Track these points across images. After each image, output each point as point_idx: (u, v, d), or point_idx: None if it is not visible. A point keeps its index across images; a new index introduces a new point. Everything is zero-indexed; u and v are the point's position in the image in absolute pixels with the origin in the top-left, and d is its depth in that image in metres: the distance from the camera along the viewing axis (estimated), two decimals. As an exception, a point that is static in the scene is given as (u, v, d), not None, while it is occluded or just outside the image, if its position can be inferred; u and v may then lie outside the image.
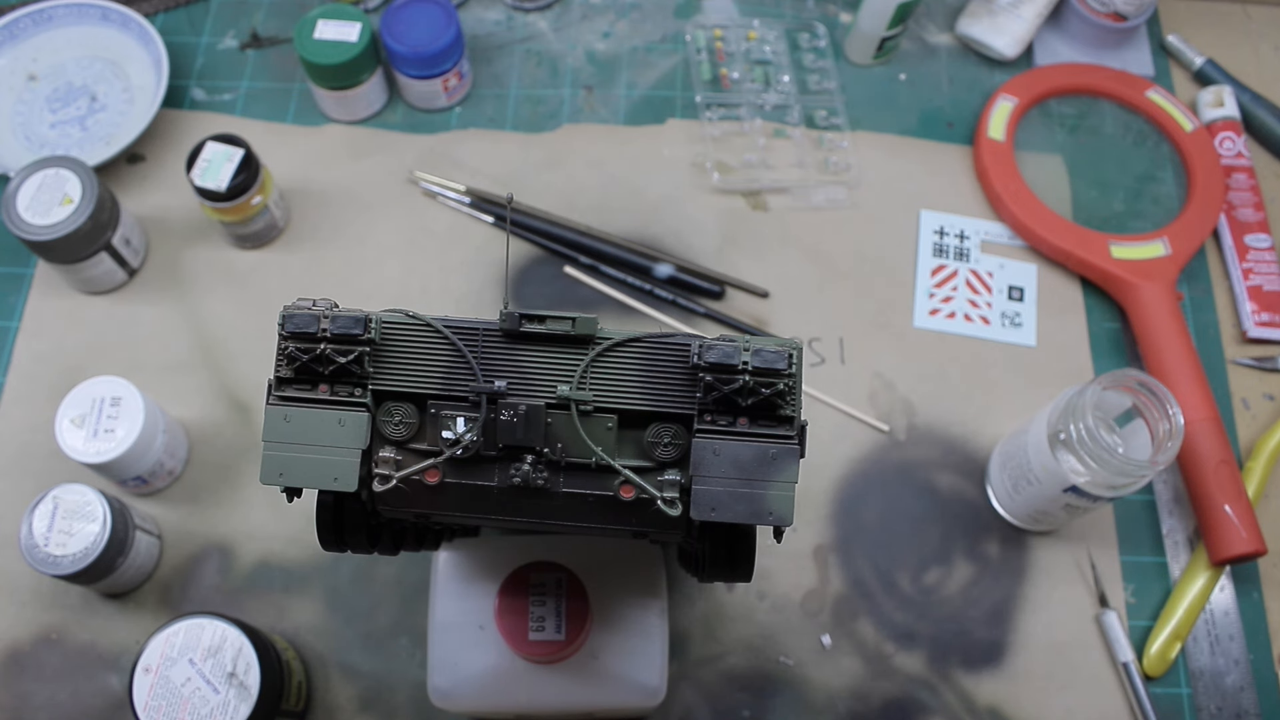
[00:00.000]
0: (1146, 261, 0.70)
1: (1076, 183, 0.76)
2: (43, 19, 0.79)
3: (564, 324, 0.38)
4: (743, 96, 0.78)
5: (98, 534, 0.56)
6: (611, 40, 0.82)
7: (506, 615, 0.50)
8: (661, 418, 0.38)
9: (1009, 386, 0.69)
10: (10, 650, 0.60)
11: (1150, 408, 0.56)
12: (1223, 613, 0.63)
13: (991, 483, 0.65)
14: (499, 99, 0.79)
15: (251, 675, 0.52)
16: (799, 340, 0.35)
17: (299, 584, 0.62)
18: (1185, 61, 0.82)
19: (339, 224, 0.73)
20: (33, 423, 0.66)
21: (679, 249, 0.73)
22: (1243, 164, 0.76)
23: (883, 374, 0.69)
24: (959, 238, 0.74)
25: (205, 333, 0.69)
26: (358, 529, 0.42)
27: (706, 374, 0.37)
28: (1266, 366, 0.70)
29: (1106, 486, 0.56)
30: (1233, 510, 0.62)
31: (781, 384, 0.37)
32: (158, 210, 0.73)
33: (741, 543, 0.40)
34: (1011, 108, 0.76)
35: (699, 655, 0.61)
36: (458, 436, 0.38)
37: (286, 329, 0.37)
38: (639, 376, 0.38)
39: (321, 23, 0.73)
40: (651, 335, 0.38)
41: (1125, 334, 0.71)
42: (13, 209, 0.64)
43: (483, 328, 0.38)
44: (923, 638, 0.62)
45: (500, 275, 0.72)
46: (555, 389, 0.38)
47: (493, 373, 0.38)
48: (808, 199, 0.75)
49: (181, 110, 0.78)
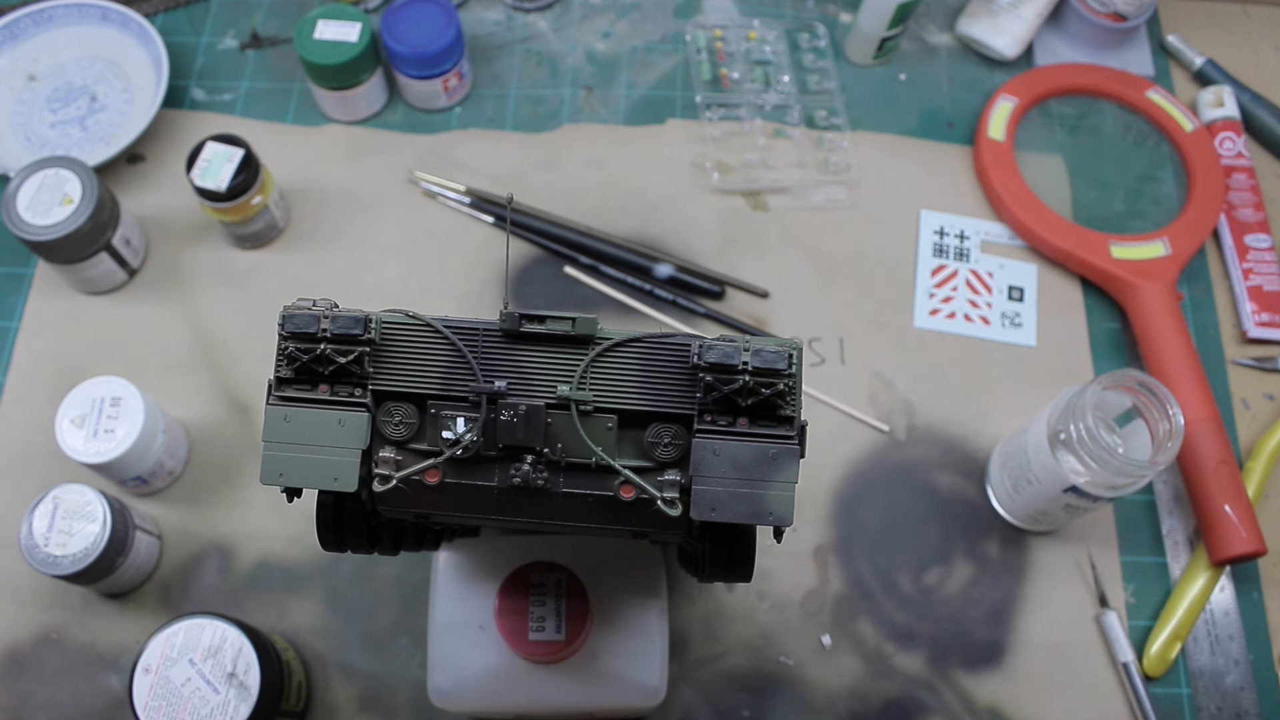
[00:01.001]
0: (1146, 261, 0.70)
1: (1076, 183, 0.76)
2: (43, 19, 0.78)
3: (564, 324, 0.38)
4: (743, 96, 0.78)
5: (98, 534, 0.56)
6: (611, 40, 0.82)
7: (506, 615, 0.50)
8: (661, 418, 0.38)
9: (1009, 386, 0.69)
10: (10, 650, 0.60)
11: (1150, 408, 0.56)
12: (1223, 613, 0.63)
13: (991, 483, 0.65)
14: (499, 99, 0.79)
15: (251, 675, 0.52)
16: (799, 340, 0.35)
17: (299, 584, 0.63)
18: (1185, 61, 0.82)
19: (339, 224, 0.73)
20: (33, 423, 0.66)
21: (679, 249, 0.73)
22: (1243, 164, 0.76)
23: (883, 374, 0.69)
24: (959, 238, 0.74)
25: (205, 333, 0.69)
26: (358, 529, 0.42)
27: (706, 374, 0.37)
28: (1266, 366, 0.70)
29: (1106, 486, 0.56)
30: (1233, 510, 0.62)
31: (781, 384, 0.36)
32: (158, 210, 0.73)
33: (741, 543, 0.40)
34: (1011, 108, 0.76)
35: (699, 655, 0.61)
36: (458, 437, 0.38)
37: (286, 329, 0.37)
38: (639, 377, 0.38)
39: (321, 23, 0.73)
40: (651, 335, 0.38)
41: (1125, 334, 0.71)
42: (13, 209, 0.64)
43: (483, 328, 0.38)
44: (923, 638, 0.62)
45: (500, 275, 0.72)
46: (555, 389, 0.38)
47: (493, 373, 0.38)
48: (808, 199, 0.75)
49: (181, 110, 0.78)
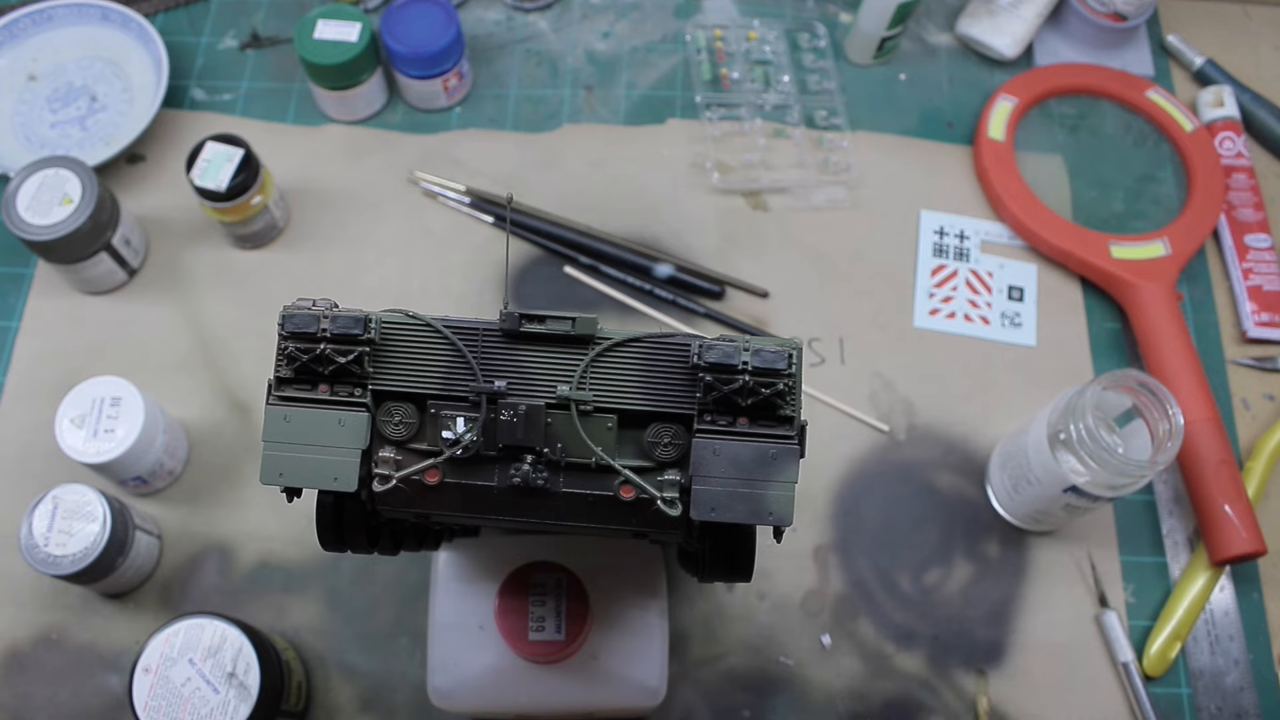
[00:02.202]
0: (1146, 261, 0.70)
1: (1076, 183, 0.76)
2: (43, 19, 0.78)
3: (564, 324, 0.38)
4: (743, 96, 0.78)
5: (98, 534, 0.56)
6: (611, 40, 0.82)
7: (506, 615, 0.50)
8: (661, 418, 0.38)
9: (1009, 386, 0.69)
10: (10, 650, 0.60)
11: (1150, 408, 0.56)
12: (1223, 613, 0.63)
13: (991, 483, 0.65)
14: (499, 99, 0.79)
15: (251, 675, 0.52)
16: (799, 340, 0.35)
17: (299, 584, 0.63)
18: (1185, 61, 0.81)
19: (339, 224, 0.73)
20: (33, 423, 0.66)
21: (679, 249, 0.73)
22: (1243, 164, 0.76)
23: (883, 374, 0.69)
24: (959, 238, 0.74)
25: (205, 333, 0.69)
26: (358, 529, 0.42)
27: (706, 374, 0.37)
28: (1266, 366, 0.70)
29: (1106, 486, 0.56)
30: (1233, 510, 0.62)
31: (781, 384, 0.36)
32: (158, 210, 0.73)
33: (741, 543, 0.40)
34: (1011, 108, 0.76)
35: (699, 655, 0.61)
36: (458, 436, 0.38)
37: (286, 329, 0.37)
38: (639, 376, 0.38)
39: (321, 23, 0.73)
40: (651, 335, 0.38)
41: (1125, 334, 0.71)
42: (13, 209, 0.64)
43: (483, 328, 0.38)
44: (923, 638, 0.62)
45: (500, 275, 0.72)
46: (555, 389, 0.38)
47: (493, 373, 0.38)
48: (808, 199, 0.75)
49: (181, 110, 0.78)
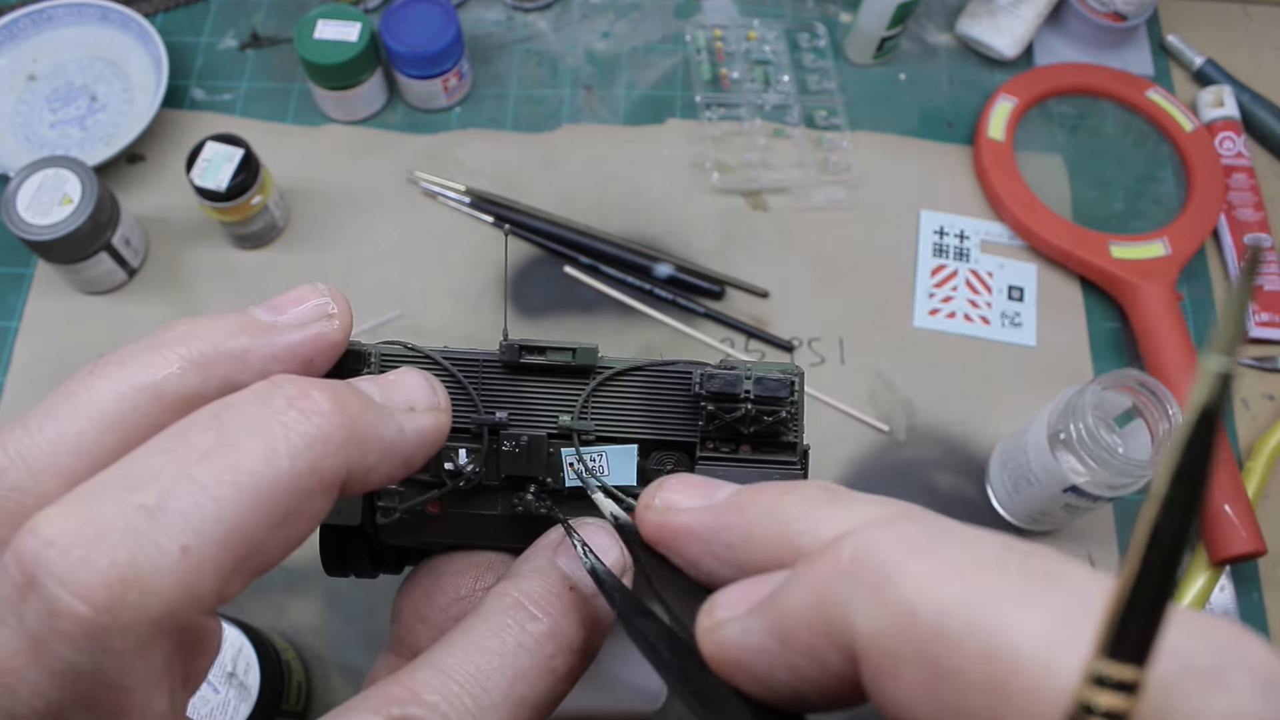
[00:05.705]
0: (1146, 261, 0.70)
1: (1076, 183, 0.76)
2: (43, 19, 0.78)
3: (564, 355, 0.38)
4: (743, 96, 0.78)
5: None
6: (611, 40, 0.82)
7: (506, 615, 0.50)
8: (663, 445, 0.38)
9: (1009, 386, 0.69)
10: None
11: (1150, 408, 0.56)
12: (1222, 613, 0.63)
13: (991, 483, 0.65)
14: (499, 99, 0.79)
15: (251, 675, 0.52)
16: (799, 367, 0.35)
17: (299, 584, 0.62)
18: (1185, 61, 0.81)
19: (339, 224, 0.73)
20: (33, 423, 0.66)
21: (679, 249, 0.73)
22: (1243, 164, 0.76)
23: (883, 374, 0.69)
24: (959, 238, 0.74)
25: (205, 333, 0.69)
26: (361, 556, 0.42)
27: (708, 403, 0.37)
28: (1266, 366, 0.70)
29: (1106, 486, 0.56)
30: (1233, 510, 0.62)
31: (784, 411, 0.37)
32: (158, 210, 0.73)
33: None
34: (1011, 108, 0.76)
35: (699, 655, 0.61)
36: (460, 468, 0.38)
37: None
38: (640, 405, 0.38)
39: (321, 23, 0.73)
40: (653, 363, 0.38)
41: (1125, 334, 0.71)
42: (13, 209, 0.64)
43: (482, 358, 0.38)
44: (923, 638, 0.62)
45: (500, 275, 0.72)
46: (557, 419, 0.38)
47: (493, 403, 0.38)
48: (808, 199, 0.75)
49: (181, 110, 0.78)
